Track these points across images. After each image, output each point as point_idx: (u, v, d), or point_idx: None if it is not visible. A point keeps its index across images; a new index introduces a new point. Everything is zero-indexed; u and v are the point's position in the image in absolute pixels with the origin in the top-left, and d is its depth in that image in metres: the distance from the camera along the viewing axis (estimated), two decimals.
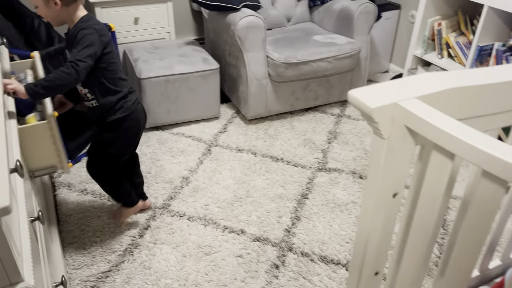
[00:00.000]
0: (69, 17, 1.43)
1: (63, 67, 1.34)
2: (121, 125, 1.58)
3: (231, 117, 2.70)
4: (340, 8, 2.69)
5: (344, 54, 2.52)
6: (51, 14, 1.40)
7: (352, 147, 2.41)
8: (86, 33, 1.38)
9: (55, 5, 1.37)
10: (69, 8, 1.40)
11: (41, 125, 1.41)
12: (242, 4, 2.41)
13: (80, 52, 1.35)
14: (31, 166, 1.45)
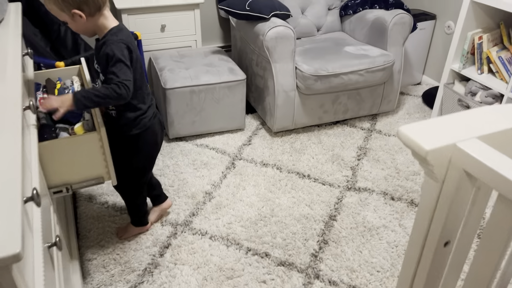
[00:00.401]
0: (97, 27, 1.40)
1: (115, 86, 1.31)
2: (138, 140, 1.55)
3: (256, 129, 2.62)
4: (374, 18, 2.58)
5: (377, 67, 2.41)
6: (80, 27, 1.38)
7: (383, 165, 2.29)
8: (118, 49, 1.33)
9: (81, 18, 1.33)
10: (95, 18, 1.36)
11: (91, 136, 1.38)
12: (272, 13, 2.33)
13: (123, 71, 1.32)
14: (77, 177, 1.42)
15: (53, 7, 1.31)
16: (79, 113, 1.55)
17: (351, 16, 2.80)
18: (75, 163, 1.40)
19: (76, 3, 1.30)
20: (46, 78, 1.74)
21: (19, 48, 1.32)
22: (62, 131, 1.48)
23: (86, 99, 1.31)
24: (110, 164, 1.46)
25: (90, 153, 1.40)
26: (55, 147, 1.35)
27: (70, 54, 2.31)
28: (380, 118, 2.73)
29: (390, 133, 2.58)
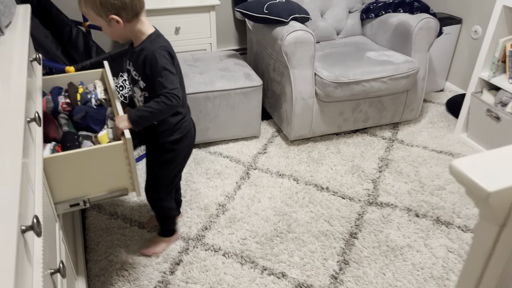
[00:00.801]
0: (133, 33, 1.34)
1: (165, 98, 1.30)
2: (178, 145, 1.50)
3: (272, 136, 2.52)
4: (397, 23, 2.45)
5: (401, 74, 2.29)
6: (116, 33, 1.32)
7: (406, 178, 2.17)
8: (161, 57, 1.29)
9: (117, 23, 1.27)
10: (132, 24, 1.31)
11: (116, 146, 1.31)
12: (291, 17, 2.22)
13: (169, 80, 1.29)
14: (98, 190, 1.35)
15: (90, 11, 1.25)
16: (102, 120, 1.48)
17: (372, 19, 2.68)
18: (97, 175, 1.33)
19: (114, 9, 1.24)
20: (68, 82, 1.67)
21: (26, 54, 1.23)
22: (86, 139, 1.41)
23: (141, 119, 1.32)
24: (135, 174, 1.39)
25: (114, 164, 1.33)
26: (75, 158, 1.28)
27: (81, 57, 2.24)
28: (402, 127, 2.61)
29: (413, 143, 2.45)
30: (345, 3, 2.69)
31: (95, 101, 1.60)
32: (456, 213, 1.95)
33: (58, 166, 1.27)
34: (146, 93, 1.40)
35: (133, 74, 1.40)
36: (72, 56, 2.24)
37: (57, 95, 1.63)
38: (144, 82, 1.37)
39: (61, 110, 1.56)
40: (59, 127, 1.49)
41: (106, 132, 1.41)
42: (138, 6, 1.28)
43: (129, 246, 1.77)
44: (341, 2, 2.68)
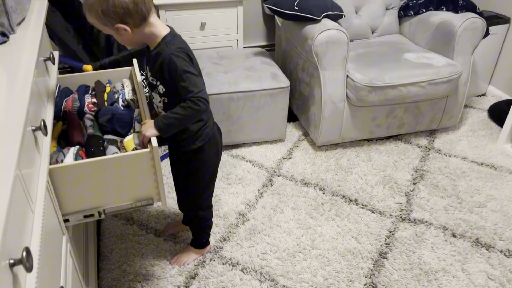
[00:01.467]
0: (146, 37, 1.23)
1: (191, 103, 1.20)
2: (202, 153, 1.41)
3: (298, 140, 2.38)
4: (439, 22, 2.26)
5: (441, 78, 2.10)
6: (127, 40, 1.22)
7: (443, 193, 2.00)
8: (180, 60, 1.20)
9: (125, 31, 1.17)
10: (141, 29, 1.19)
11: (142, 154, 1.22)
12: (323, 14, 2.07)
13: (193, 83, 1.20)
14: (121, 199, 1.28)
15: (95, 21, 1.17)
16: (129, 123, 1.40)
17: (411, 17, 2.49)
18: (119, 184, 1.25)
19: (118, 17, 1.14)
20: (95, 80, 1.59)
21: (35, 55, 1.14)
22: (111, 144, 1.33)
23: (169, 126, 1.24)
24: (161, 183, 1.30)
25: (139, 172, 1.25)
26: (97, 166, 1.20)
27: (102, 53, 2.16)
28: (440, 135, 2.42)
29: (451, 153, 2.27)
30: (382, 0, 2.51)
31: (123, 101, 1.52)
32: (498, 234, 1.77)
33: (69, 175, 1.18)
34: (165, 98, 1.30)
35: (150, 79, 1.30)
36: (93, 51, 2.17)
37: (83, 94, 1.56)
38: (164, 87, 1.27)
39: (87, 110, 1.48)
40: (84, 128, 1.41)
41: (132, 137, 1.33)
42: (144, 9, 1.16)
43: (143, 255, 1.68)
44: None
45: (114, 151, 1.29)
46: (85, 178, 1.21)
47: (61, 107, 1.49)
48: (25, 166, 0.91)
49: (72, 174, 1.19)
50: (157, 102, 1.34)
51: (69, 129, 1.39)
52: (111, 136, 1.38)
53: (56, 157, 1.27)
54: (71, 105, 1.49)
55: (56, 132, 1.39)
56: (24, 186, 0.88)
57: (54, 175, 1.16)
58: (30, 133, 1.02)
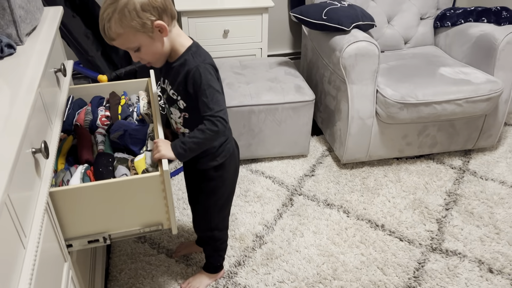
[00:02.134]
0: (172, 45, 1.13)
1: (210, 124, 1.12)
2: (222, 170, 1.32)
3: (321, 156, 2.25)
4: (479, 34, 2.09)
5: (481, 96, 1.94)
6: (158, 49, 1.10)
7: (478, 221, 1.84)
8: (206, 73, 1.11)
9: (161, 33, 1.07)
10: (172, 32, 1.11)
11: (152, 178, 1.14)
12: (353, 24, 1.94)
13: (215, 100, 1.11)
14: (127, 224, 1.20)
15: (126, 31, 1.03)
16: (142, 139, 1.32)
17: (448, 28, 2.32)
18: (128, 208, 1.17)
19: (157, 12, 1.04)
20: (110, 91, 1.52)
21: (40, 71, 1.06)
22: (121, 163, 1.25)
23: (187, 152, 1.16)
24: (172, 208, 1.21)
25: (148, 196, 1.16)
26: (103, 189, 1.12)
27: (121, 61, 2.09)
28: (475, 155, 2.25)
29: (488, 176, 2.09)
30: (417, 8, 2.35)
31: (137, 115, 1.44)
32: None
33: (72, 199, 1.11)
34: (186, 114, 1.21)
35: (170, 94, 1.20)
36: (112, 59, 2.10)
37: (97, 106, 1.49)
38: (185, 102, 1.18)
39: (99, 124, 1.41)
40: (95, 144, 1.34)
41: (143, 156, 1.24)
42: (174, 8, 1.09)
43: (153, 277, 1.59)
44: (412, 6, 2.35)
45: (123, 172, 1.21)
46: (90, 201, 1.13)
47: (73, 119, 1.42)
48: (19, 192, 0.83)
49: (76, 198, 1.11)
50: (177, 117, 1.24)
51: (79, 145, 1.31)
52: (121, 155, 1.30)
53: (62, 176, 1.20)
54: (83, 118, 1.42)
55: (66, 147, 1.32)
56: (14, 219, 0.79)
57: (56, 198, 1.08)
58: (30, 155, 0.94)
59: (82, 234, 1.18)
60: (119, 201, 1.15)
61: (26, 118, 0.88)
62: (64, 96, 1.34)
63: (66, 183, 1.17)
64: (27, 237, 0.85)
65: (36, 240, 0.87)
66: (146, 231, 1.23)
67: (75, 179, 1.17)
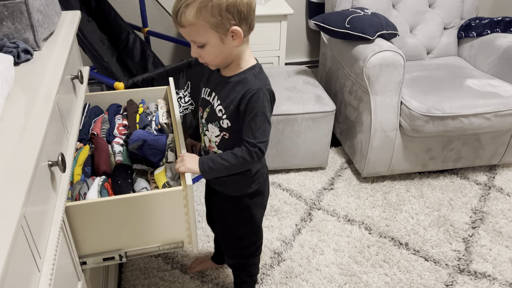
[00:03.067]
0: (237, 57, 1.03)
1: (246, 153, 1.04)
2: (257, 196, 1.21)
3: (340, 168, 2.18)
4: (507, 46, 2.01)
5: (509, 110, 1.85)
6: (223, 53, 1.01)
7: (508, 241, 1.75)
8: (264, 99, 1.01)
9: (233, 39, 0.97)
10: (244, 42, 1.01)
11: (174, 193, 1.07)
12: (377, 33, 1.87)
13: (262, 129, 1.03)
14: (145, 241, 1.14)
15: (201, 23, 0.94)
16: (161, 150, 1.25)
17: (473, 39, 2.25)
18: (147, 224, 1.10)
19: (239, 17, 0.95)
20: (128, 99, 1.47)
21: (58, 81, 1.00)
22: (140, 176, 1.19)
23: (213, 171, 1.08)
24: (193, 225, 1.14)
25: (169, 212, 1.10)
26: (122, 204, 1.06)
27: (137, 67, 2.04)
28: (501, 171, 2.16)
29: None
30: (441, 18, 2.28)
31: (156, 125, 1.38)
32: None
33: (89, 214, 1.04)
34: (226, 134, 1.09)
35: (216, 109, 1.08)
36: (127, 65, 2.05)
37: (114, 114, 1.43)
38: (230, 122, 1.07)
39: (116, 133, 1.35)
40: (113, 155, 1.28)
41: (164, 169, 1.17)
42: (254, 20, 1.01)
43: None
44: (435, 16, 2.28)
45: (143, 186, 1.15)
46: (108, 216, 1.06)
47: (89, 128, 1.37)
48: (34, 209, 0.77)
49: (93, 213, 1.05)
50: (213, 135, 1.11)
51: (96, 155, 1.25)
52: (140, 166, 1.24)
53: (79, 189, 1.14)
54: (100, 127, 1.37)
55: (82, 158, 1.26)
56: (29, 239, 0.73)
57: (72, 214, 1.02)
58: (46, 168, 0.88)
59: (97, 251, 1.11)
60: (139, 216, 1.09)
61: (44, 130, 0.82)
62: (80, 103, 1.28)
63: (83, 196, 1.11)
64: (42, 259, 0.79)
65: (51, 262, 0.80)
66: (165, 249, 1.17)
67: (92, 192, 1.11)
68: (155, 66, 1.98)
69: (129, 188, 1.14)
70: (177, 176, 1.15)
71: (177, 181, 1.14)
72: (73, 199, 1.10)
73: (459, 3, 2.29)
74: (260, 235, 1.33)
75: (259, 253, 1.37)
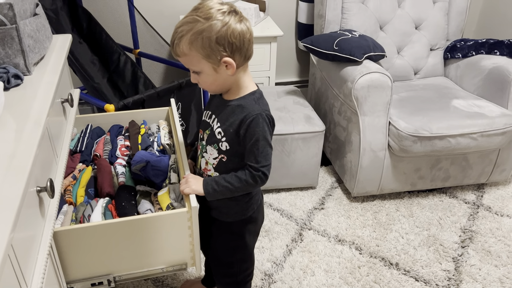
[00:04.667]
0: (236, 83, 1.06)
1: (249, 176, 1.06)
2: (250, 223, 1.22)
3: (331, 188, 2.19)
4: (492, 67, 2.06)
5: (495, 130, 1.89)
6: (218, 81, 1.04)
7: (496, 260, 1.76)
8: (264, 124, 1.03)
9: (227, 69, 1.00)
10: (239, 71, 1.04)
11: (178, 215, 1.09)
12: (365, 55, 1.91)
13: (264, 154, 1.05)
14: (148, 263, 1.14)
15: (193, 54, 0.98)
16: (163, 171, 1.26)
17: (459, 60, 2.30)
18: (150, 246, 1.11)
19: (231, 49, 0.98)
20: (130, 120, 1.48)
21: (48, 103, 1.01)
22: (144, 197, 1.19)
23: (217, 194, 1.10)
24: (198, 247, 1.14)
25: (173, 234, 1.10)
26: (122, 227, 1.06)
27: (128, 88, 2.05)
28: (489, 189, 2.18)
29: (503, 212, 2.03)
30: (427, 39, 2.34)
31: (158, 146, 1.38)
32: None
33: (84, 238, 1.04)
34: (224, 157, 1.10)
35: (215, 132, 1.09)
36: (118, 86, 2.06)
37: (116, 135, 1.44)
38: (229, 145, 1.08)
39: (119, 154, 1.36)
40: (116, 176, 1.28)
41: (167, 190, 1.17)
42: (251, 49, 1.03)
43: None
44: (422, 38, 2.33)
45: (147, 208, 1.15)
46: (108, 239, 1.07)
47: (92, 149, 1.37)
48: (21, 235, 0.77)
49: (88, 236, 1.04)
50: (211, 158, 1.12)
51: (99, 176, 1.26)
52: (144, 187, 1.24)
53: (83, 211, 1.13)
54: (102, 148, 1.37)
55: (85, 179, 1.27)
56: (16, 267, 0.73)
57: (61, 239, 1.02)
58: (34, 194, 0.88)
59: (86, 276, 1.10)
60: (143, 238, 1.09)
61: (33, 156, 0.82)
62: (70, 127, 1.29)
63: (88, 218, 1.11)
64: (29, 287, 0.78)
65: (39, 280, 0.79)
66: (169, 271, 1.17)
67: (96, 214, 1.12)
68: (146, 87, 2.00)
69: (133, 210, 1.14)
70: (180, 197, 1.16)
71: (180, 202, 1.15)
72: (77, 221, 1.10)
73: (444, 25, 2.35)
74: (252, 261, 1.33)
75: (251, 279, 1.36)
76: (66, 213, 1.12)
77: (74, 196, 1.21)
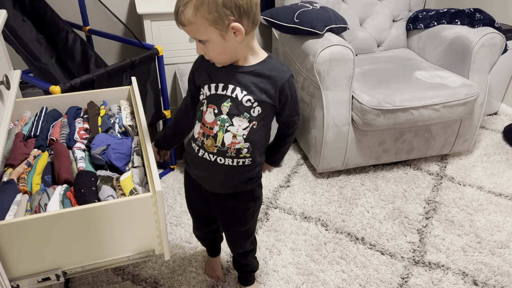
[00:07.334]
0: (250, 49, 1.03)
1: (294, 129, 1.19)
2: (261, 187, 1.27)
3: (296, 165, 2.15)
4: (453, 37, 2.05)
5: (457, 100, 1.89)
6: (227, 50, 0.99)
7: (459, 230, 1.78)
8: (294, 82, 1.09)
9: (235, 35, 0.95)
10: (248, 37, 1.00)
11: (142, 200, 1.01)
12: (326, 28, 1.85)
13: (300, 105, 1.15)
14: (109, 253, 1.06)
15: (200, 21, 0.92)
16: (126, 154, 1.18)
17: (421, 31, 2.28)
18: (113, 234, 1.03)
19: (238, 13, 0.93)
20: (88, 101, 1.37)
21: None
22: (105, 183, 1.10)
23: (283, 156, 1.28)
24: (164, 232, 1.07)
25: (138, 220, 1.03)
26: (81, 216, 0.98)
27: (78, 68, 1.92)
28: (452, 160, 2.21)
29: (465, 182, 2.05)
30: (389, 10, 2.30)
31: (119, 127, 1.29)
32: None
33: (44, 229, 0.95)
34: (255, 123, 1.06)
35: (243, 101, 1.03)
36: (67, 66, 1.93)
37: (74, 117, 1.33)
38: (261, 108, 1.05)
39: (77, 138, 1.26)
40: (74, 161, 1.18)
41: (130, 174, 1.09)
42: (259, 14, 0.98)
43: None
44: (384, 9, 2.29)
45: (109, 194, 1.06)
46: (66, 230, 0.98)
47: (48, 133, 1.27)
48: None
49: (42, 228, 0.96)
50: (240, 129, 1.06)
51: (56, 162, 1.16)
52: (105, 172, 1.16)
53: (39, 200, 1.04)
54: (59, 132, 1.27)
55: (41, 166, 1.17)
56: None
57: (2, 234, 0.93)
58: None
59: (34, 271, 1.02)
60: (104, 227, 1.01)
61: None
62: (8, 112, 1.17)
63: (44, 207, 1.01)
64: None
65: None
66: (136, 258, 1.09)
67: (53, 203, 1.02)
68: (98, 67, 1.87)
69: (93, 197, 1.06)
70: (144, 182, 1.09)
71: (145, 187, 1.08)
72: (32, 211, 1.01)
73: None
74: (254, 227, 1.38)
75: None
76: (20, 203, 1.02)
77: (29, 185, 1.11)
